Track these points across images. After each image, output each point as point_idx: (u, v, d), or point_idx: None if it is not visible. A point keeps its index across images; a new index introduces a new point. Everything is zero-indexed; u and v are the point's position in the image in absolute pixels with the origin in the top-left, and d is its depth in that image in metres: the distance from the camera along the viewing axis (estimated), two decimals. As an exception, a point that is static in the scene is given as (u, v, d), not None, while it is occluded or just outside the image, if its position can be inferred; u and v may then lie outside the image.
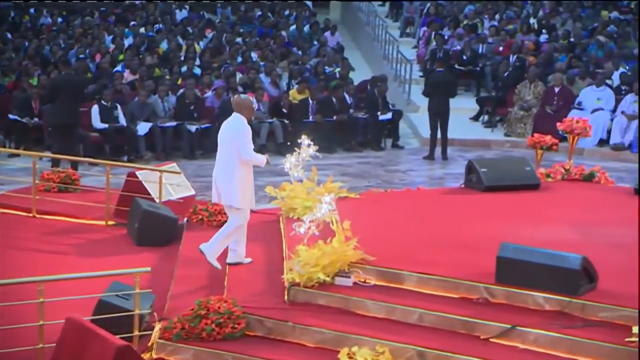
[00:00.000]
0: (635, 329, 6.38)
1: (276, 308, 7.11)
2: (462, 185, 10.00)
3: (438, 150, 15.30)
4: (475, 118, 17.64)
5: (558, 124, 10.64)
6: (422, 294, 7.16)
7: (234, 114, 8.08)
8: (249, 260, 8.18)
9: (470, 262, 7.41)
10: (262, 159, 8.15)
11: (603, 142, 15.74)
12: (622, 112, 15.64)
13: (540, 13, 22.36)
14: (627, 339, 6.31)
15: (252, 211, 9.77)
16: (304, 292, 7.24)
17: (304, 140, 9.05)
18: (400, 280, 7.31)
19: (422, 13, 23.11)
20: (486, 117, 17.42)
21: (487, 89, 18.77)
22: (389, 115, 16.19)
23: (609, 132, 15.71)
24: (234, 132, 7.97)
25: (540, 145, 10.85)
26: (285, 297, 7.25)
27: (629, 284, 6.98)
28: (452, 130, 15.75)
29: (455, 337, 6.73)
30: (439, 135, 15.27)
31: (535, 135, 11.15)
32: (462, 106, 18.07)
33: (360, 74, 19.49)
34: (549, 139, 10.90)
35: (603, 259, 7.46)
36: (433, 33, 20.49)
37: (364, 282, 7.32)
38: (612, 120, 15.74)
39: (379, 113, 16.11)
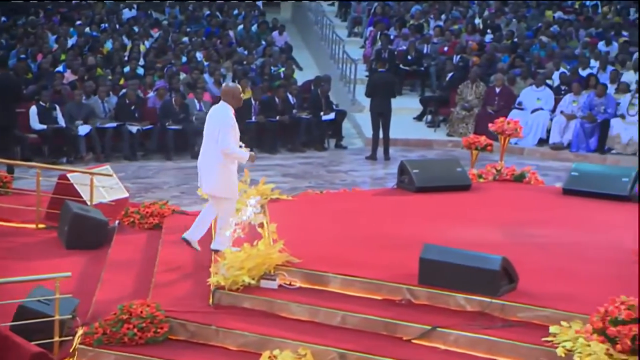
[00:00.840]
0: (552, 329, 6.49)
1: (200, 312, 7.09)
2: (395, 187, 10.07)
3: (381, 150, 15.38)
4: (419, 118, 17.76)
5: (490, 125, 10.76)
6: (346, 296, 7.19)
7: (221, 102, 8.02)
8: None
9: (396, 264, 7.46)
10: (244, 154, 8.04)
11: (543, 142, 15.94)
12: (561, 112, 15.85)
13: (486, 13, 22.58)
14: (543, 339, 6.40)
15: (185, 214, 9.81)
16: (229, 295, 7.23)
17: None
18: (325, 283, 7.34)
19: (369, 13, 23.21)
20: (429, 117, 17.55)
21: (432, 89, 18.91)
22: (331, 116, 16.24)
23: (548, 131, 15.90)
24: (218, 121, 7.90)
25: (475, 146, 10.95)
26: (210, 301, 7.24)
27: (548, 284, 7.10)
28: (395, 130, 15.86)
29: (378, 338, 6.76)
30: (381, 135, 15.35)
31: (471, 135, 11.25)
32: (407, 106, 18.21)
33: (308, 74, 19.53)
34: (483, 139, 11.01)
35: (526, 259, 7.59)
36: (379, 33, 20.58)
37: (290, 284, 7.34)
38: (551, 119, 15.94)
39: (321, 113, 16.15)
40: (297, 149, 15.94)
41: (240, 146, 8.96)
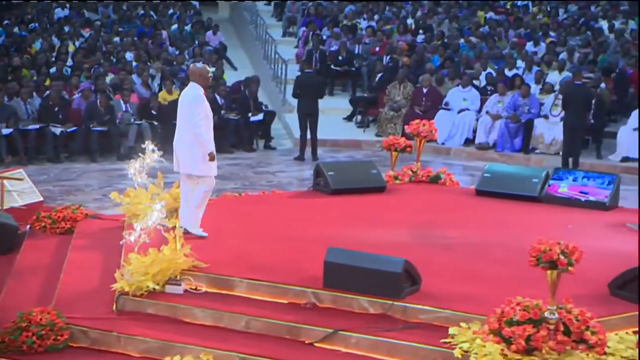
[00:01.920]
0: (451, 330, 6.57)
1: (103, 318, 7.03)
2: (311, 189, 10.10)
3: (309, 151, 15.41)
4: (349, 118, 17.84)
5: (406, 127, 10.84)
6: (252, 300, 7.19)
7: (191, 83, 8.20)
8: (202, 232, 8.18)
9: (303, 267, 7.48)
10: (209, 142, 8.14)
11: (469, 142, 16.12)
12: (487, 112, 16.05)
13: (419, 13, 22.74)
14: (442, 340, 6.47)
15: (98, 218, 9.72)
16: (133, 301, 7.19)
17: (148, 145, 9.00)
18: (231, 287, 7.34)
19: (304, 13, 23.24)
20: (359, 118, 17.63)
21: (364, 89, 19.00)
22: (260, 117, 16.23)
23: (474, 131, 16.09)
24: (189, 101, 8.08)
25: (395, 148, 11.00)
26: (114, 307, 7.18)
27: (451, 285, 7.18)
28: (325, 130, 15.91)
29: (281, 342, 6.78)
30: (309, 136, 15.38)
31: (390, 137, 11.32)
32: (338, 106, 18.29)
33: (243, 74, 19.45)
34: (402, 141, 11.06)
35: (432, 260, 7.67)
36: (311, 33, 20.61)
37: (195, 289, 7.32)
38: (477, 120, 16.13)
39: (250, 114, 16.12)
40: (225, 150, 15.84)
41: (153, 150, 8.96)
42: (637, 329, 6.66)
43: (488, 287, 7.15)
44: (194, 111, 8.02)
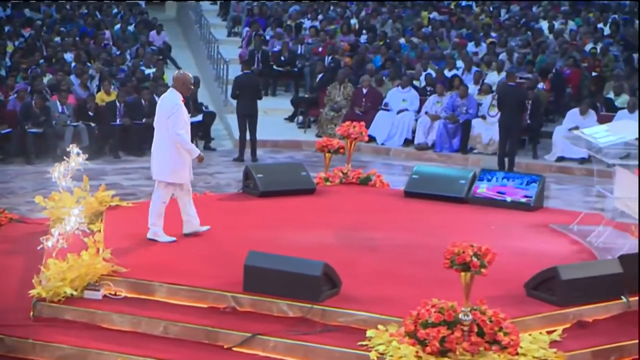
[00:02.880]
0: (368, 333, 6.60)
1: (19, 325, 6.96)
2: (240, 191, 10.07)
3: (249, 151, 15.36)
4: (291, 119, 17.83)
5: (337, 128, 10.86)
6: (171, 305, 7.16)
7: (170, 89, 8.22)
8: (171, 239, 8.21)
9: (225, 271, 7.47)
10: (193, 148, 8.15)
11: (408, 142, 16.20)
12: (426, 113, 16.14)
13: (363, 14, 22.80)
14: (359, 343, 6.51)
15: (23, 222, 9.60)
16: (50, 307, 7.12)
17: (73, 148, 8.95)
18: (151, 292, 7.30)
19: (248, 12, 23.16)
20: (300, 118, 17.63)
21: (306, 89, 18.99)
22: (199, 117, 16.12)
23: (413, 132, 16.18)
24: (167, 108, 8.06)
25: (328, 149, 11.02)
26: (31, 313, 7.10)
27: (372, 287, 7.22)
28: (266, 131, 15.87)
29: (199, 347, 6.77)
30: (249, 137, 15.34)
31: (324, 138, 11.33)
32: (280, 107, 18.26)
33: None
34: (336, 142, 11.08)
35: (355, 262, 7.71)
36: (253, 33, 20.56)
37: (115, 294, 7.26)
38: (416, 120, 16.21)
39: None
40: (164, 152, 15.74)
41: (78, 153, 8.89)
42: (551, 328, 6.77)
43: (408, 289, 7.19)
44: (174, 122, 8.02)
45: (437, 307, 6.37)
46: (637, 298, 7.22)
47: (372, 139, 16.25)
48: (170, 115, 8.04)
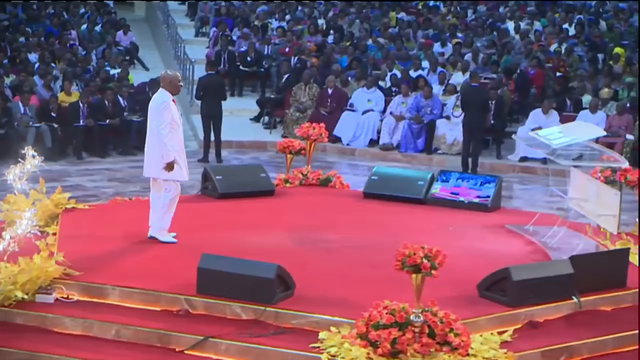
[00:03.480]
0: (321, 335, 6.61)
1: (-31, 330, 6.89)
2: (199, 193, 10.04)
3: (213, 152, 15.33)
4: (257, 119, 17.81)
5: (296, 130, 10.87)
6: (124, 308, 7.13)
7: (160, 89, 8.29)
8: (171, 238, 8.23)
9: (178, 273, 7.44)
10: (169, 150, 8.11)
11: (374, 143, 16.24)
12: (391, 113, 16.18)
13: (331, 14, 22.79)
14: (311, 345, 6.51)
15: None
16: (1, 311, 7.07)
17: (28, 151, 8.86)
18: (104, 295, 7.26)
19: (216, 12, 23.09)
20: (266, 119, 17.62)
21: (273, 90, 18.96)
22: (164, 118, 16.04)
23: (379, 132, 16.22)
24: (156, 108, 8.18)
25: (289, 150, 11.00)
26: (-19, 318, 7.04)
27: (326, 289, 7.23)
28: (232, 131, 15.84)
29: (151, 350, 6.75)
30: (213, 138, 15.30)
31: (284, 139, 11.32)
32: (246, 107, 18.24)
33: (155, 75, 19.06)
34: (297, 143, 11.06)
35: (310, 264, 7.71)
36: (220, 33, 20.51)
37: (67, 298, 7.21)
38: (381, 121, 16.25)
39: (153, 116, 15.93)
40: (128, 152, 15.69)
41: (33, 155, 8.82)
42: (502, 329, 6.81)
43: (362, 290, 7.19)
44: (159, 118, 8.10)
45: (389, 309, 6.39)
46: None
47: (337, 139, 16.31)
48: (158, 114, 8.17)
